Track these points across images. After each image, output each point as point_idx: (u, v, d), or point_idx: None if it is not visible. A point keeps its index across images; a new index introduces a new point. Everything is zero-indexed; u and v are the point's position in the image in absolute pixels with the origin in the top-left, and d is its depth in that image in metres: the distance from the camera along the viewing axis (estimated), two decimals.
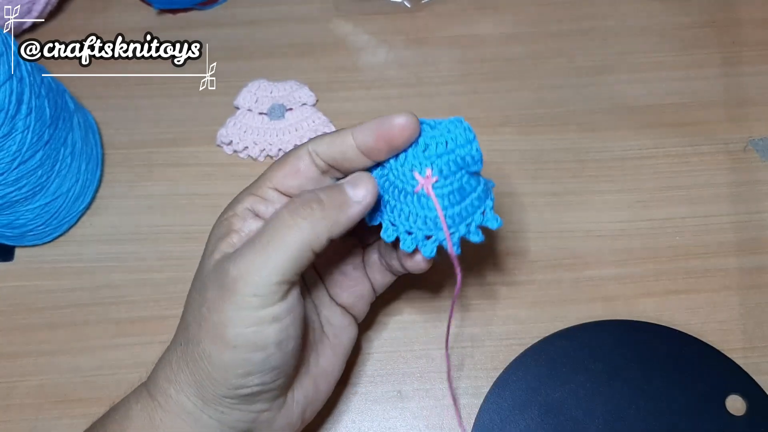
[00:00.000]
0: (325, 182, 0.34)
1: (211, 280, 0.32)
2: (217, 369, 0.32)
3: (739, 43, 0.57)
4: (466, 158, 0.33)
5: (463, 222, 0.33)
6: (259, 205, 0.34)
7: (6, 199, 0.45)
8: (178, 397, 0.33)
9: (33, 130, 0.43)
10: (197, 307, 0.32)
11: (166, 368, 0.34)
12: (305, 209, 0.31)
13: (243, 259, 0.31)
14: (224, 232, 0.34)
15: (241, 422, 0.34)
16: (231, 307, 0.31)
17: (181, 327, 0.34)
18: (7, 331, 0.47)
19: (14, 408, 0.45)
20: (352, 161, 0.33)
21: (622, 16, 0.59)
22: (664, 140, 0.53)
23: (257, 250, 0.31)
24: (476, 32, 0.59)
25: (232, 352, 0.31)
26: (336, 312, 0.40)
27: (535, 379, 0.44)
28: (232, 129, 0.53)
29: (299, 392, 0.37)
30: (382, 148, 0.32)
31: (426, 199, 0.33)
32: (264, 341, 0.31)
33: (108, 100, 0.56)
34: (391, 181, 0.33)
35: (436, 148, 0.33)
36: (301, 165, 0.34)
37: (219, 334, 0.31)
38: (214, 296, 0.31)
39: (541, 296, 0.47)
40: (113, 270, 0.49)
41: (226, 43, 0.58)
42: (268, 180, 0.34)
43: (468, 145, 0.33)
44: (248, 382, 0.32)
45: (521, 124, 0.54)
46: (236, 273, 0.31)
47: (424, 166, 0.33)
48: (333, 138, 0.33)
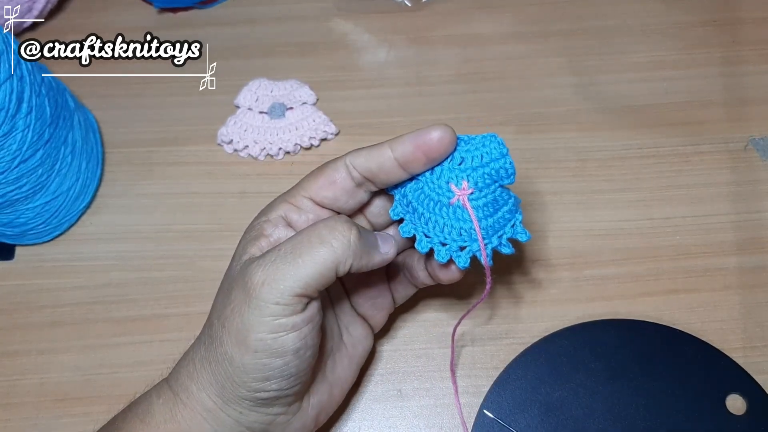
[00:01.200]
0: (359, 195, 0.35)
1: (237, 282, 0.32)
2: (237, 372, 0.32)
3: (740, 42, 0.57)
4: (500, 171, 0.34)
5: (495, 234, 0.34)
6: (293, 213, 0.35)
7: (6, 197, 0.45)
8: (199, 395, 0.34)
9: (33, 129, 0.43)
10: (222, 307, 0.33)
11: (189, 365, 0.35)
12: (344, 230, 0.32)
13: (271, 266, 0.31)
14: (255, 236, 0.34)
15: (258, 423, 0.34)
16: (254, 312, 0.31)
17: (206, 325, 0.35)
18: (7, 330, 0.47)
19: (15, 406, 0.45)
20: (389, 173, 0.34)
21: (622, 15, 0.59)
22: (665, 139, 0.53)
23: (287, 260, 0.31)
24: (477, 31, 0.59)
25: (253, 356, 0.32)
26: (356, 322, 0.40)
27: (536, 378, 0.44)
28: (232, 128, 0.53)
29: (315, 398, 0.37)
30: (420, 159, 0.33)
31: (462, 210, 0.34)
32: (283, 348, 0.32)
33: (108, 99, 0.56)
34: (426, 193, 0.34)
35: (472, 161, 0.34)
36: (338, 177, 0.35)
37: (241, 338, 0.32)
38: (238, 298, 0.32)
39: (541, 295, 0.47)
40: (114, 269, 0.49)
41: (227, 42, 0.58)
42: (303, 189, 0.35)
43: (502, 159, 0.34)
44: (266, 386, 0.33)
45: (521, 123, 0.54)
46: (263, 278, 0.31)
47: (460, 178, 0.34)
48: (371, 150, 0.34)
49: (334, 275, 0.32)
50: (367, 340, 0.41)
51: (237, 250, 0.35)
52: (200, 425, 0.34)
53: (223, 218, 0.51)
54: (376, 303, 0.41)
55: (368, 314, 0.41)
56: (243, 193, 0.52)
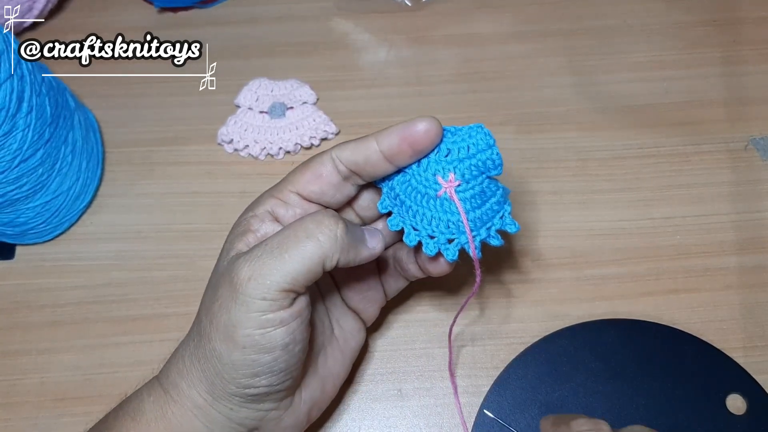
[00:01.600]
0: (347, 189, 0.35)
1: (224, 278, 0.32)
2: (226, 368, 0.32)
3: (740, 42, 0.57)
4: (487, 163, 0.34)
5: (484, 226, 0.34)
6: (280, 208, 0.35)
7: (7, 197, 0.45)
8: (189, 392, 0.34)
9: (34, 129, 0.43)
10: (210, 303, 0.33)
11: (179, 363, 0.35)
12: (330, 224, 0.32)
13: (258, 261, 0.31)
14: (241, 232, 0.34)
15: (249, 420, 0.34)
16: (240, 308, 0.31)
17: (195, 321, 0.35)
18: (7, 329, 0.47)
19: (15, 406, 0.45)
20: (375, 166, 0.34)
21: (622, 15, 0.59)
22: (665, 139, 0.53)
23: (274, 254, 0.31)
24: (477, 31, 0.59)
25: (241, 352, 0.31)
26: (347, 315, 0.40)
27: (536, 377, 0.44)
28: (232, 127, 0.53)
29: (306, 392, 0.37)
30: (406, 151, 0.33)
31: (449, 203, 0.33)
32: (271, 344, 0.31)
33: (109, 98, 0.56)
34: (413, 186, 0.34)
35: (458, 153, 0.34)
36: (324, 170, 0.34)
37: (229, 334, 0.31)
38: (225, 294, 0.32)
39: (541, 295, 0.47)
40: (114, 268, 0.49)
41: (227, 42, 0.58)
42: (290, 183, 0.35)
43: (488, 149, 0.34)
44: (256, 382, 0.32)
45: (522, 123, 0.54)
46: (249, 273, 0.31)
47: (447, 170, 0.33)
48: (357, 144, 0.34)
49: (321, 270, 0.32)
50: (360, 334, 0.41)
51: (224, 246, 0.35)
52: (191, 422, 0.34)
53: (224, 218, 0.51)
54: (367, 296, 0.41)
55: (360, 308, 0.41)
56: (243, 192, 0.52)
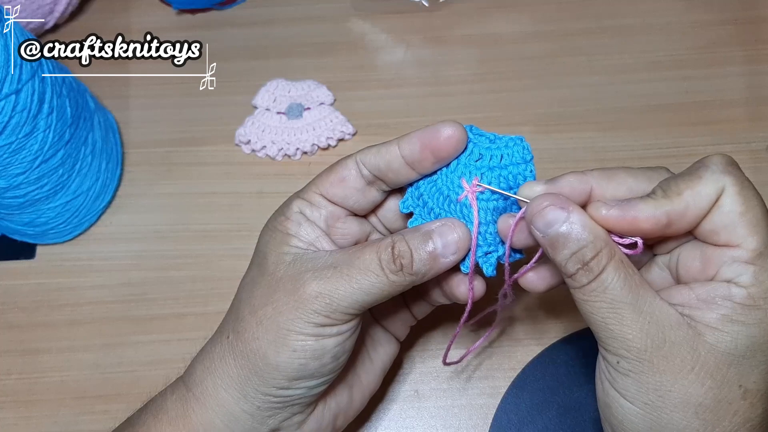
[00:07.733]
0: (371, 194, 0.35)
1: (284, 284, 0.33)
2: (269, 368, 0.32)
3: (762, 41, 0.57)
4: (518, 177, 0.32)
5: (504, 244, 0.32)
6: (307, 209, 0.35)
7: (28, 197, 0.45)
8: (214, 390, 0.34)
9: (54, 130, 0.44)
10: (261, 305, 0.33)
11: (206, 360, 0.35)
12: (396, 265, 0.32)
13: (329, 282, 0.32)
14: (282, 237, 0.34)
15: (273, 419, 0.34)
16: (302, 317, 0.32)
17: (230, 319, 0.35)
18: (28, 328, 0.48)
19: (36, 403, 0.45)
20: (397, 172, 0.33)
21: (642, 14, 0.59)
22: (685, 139, 0.52)
23: (345, 281, 0.32)
24: (494, 31, 0.59)
25: (290, 355, 0.32)
26: (378, 329, 0.41)
27: (553, 379, 0.43)
28: (250, 128, 0.53)
29: (332, 399, 0.37)
30: (428, 158, 0.32)
31: (468, 209, 0.32)
32: (322, 351, 0.32)
33: (128, 99, 0.56)
34: (438, 186, 0.33)
35: (490, 159, 0.32)
36: (347, 174, 0.34)
37: (281, 337, 0.32)
38: (285, 300, 0.32)
39: (559, 296, 0.47)
40: (133, 268, 0.49)
41: (244, 43, 0.59)
42: (315, 186, 0.35)
43: (523, 164, 0.33)
44: (294, 385, 0.33)
45: (540, 123, 0.54)
46: (318, 291, 0.32)
47: (473, 175, 0.32)
48: (379, 148, 0.34)
49: (385, 299, 0.33)
50: (391, 347, 0.41)
51: (262, 249, 0.35)
52: (211, 421, 0.34)
53: (241, 218, 0.51)
54: (396, 318, 0.41)
55: (389, 327, 0.41)
56: (260, 193, 0.52)
